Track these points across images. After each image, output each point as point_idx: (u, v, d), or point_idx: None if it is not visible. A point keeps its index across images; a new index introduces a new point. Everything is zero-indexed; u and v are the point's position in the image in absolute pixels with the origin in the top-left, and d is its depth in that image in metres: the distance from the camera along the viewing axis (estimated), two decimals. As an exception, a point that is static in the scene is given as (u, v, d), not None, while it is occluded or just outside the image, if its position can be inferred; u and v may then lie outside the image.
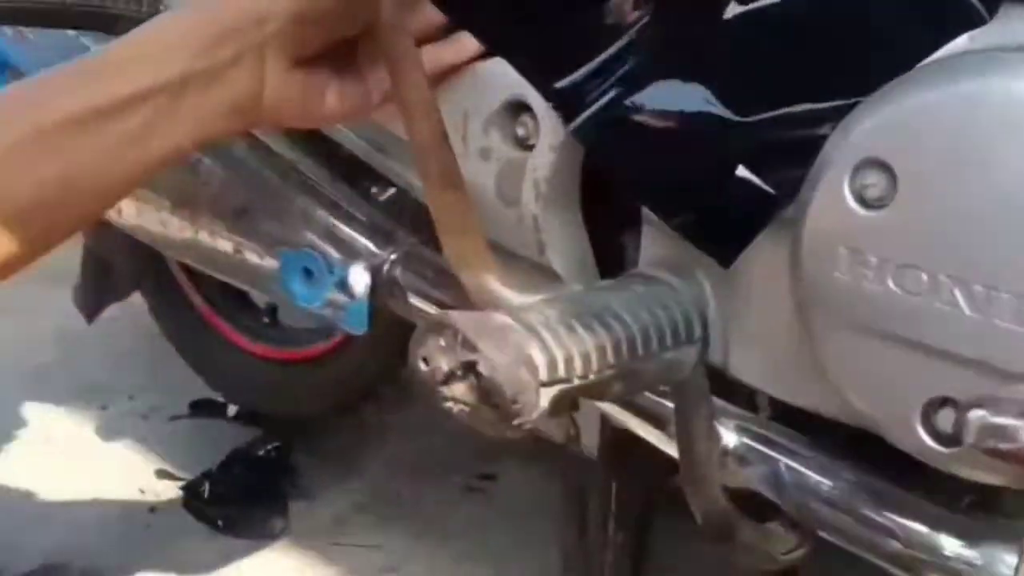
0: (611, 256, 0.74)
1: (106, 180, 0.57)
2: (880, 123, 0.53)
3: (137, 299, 1.42)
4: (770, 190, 0.58)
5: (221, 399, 1.46)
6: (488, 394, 0.51)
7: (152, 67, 0.57)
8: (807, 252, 0.56)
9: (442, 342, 0.51)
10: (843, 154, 0.54)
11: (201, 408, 1.48)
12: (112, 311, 1.40)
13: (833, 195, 0.54)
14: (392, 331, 0.86)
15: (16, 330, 1.63)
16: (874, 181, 0.53)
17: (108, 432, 1.46)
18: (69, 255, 1.33)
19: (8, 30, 1.01)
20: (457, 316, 0.51)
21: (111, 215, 0.98)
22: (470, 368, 0.50)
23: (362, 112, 0.67)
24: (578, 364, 0.53)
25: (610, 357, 0.54)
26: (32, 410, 1.50)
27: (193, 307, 1.40)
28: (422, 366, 0.52)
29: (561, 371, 0.52)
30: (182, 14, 0.61)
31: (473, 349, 0.50)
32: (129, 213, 0.97)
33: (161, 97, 0.56)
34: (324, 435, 1.41)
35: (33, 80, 0.58)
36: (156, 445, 1.43)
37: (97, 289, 1.31)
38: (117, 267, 1.28)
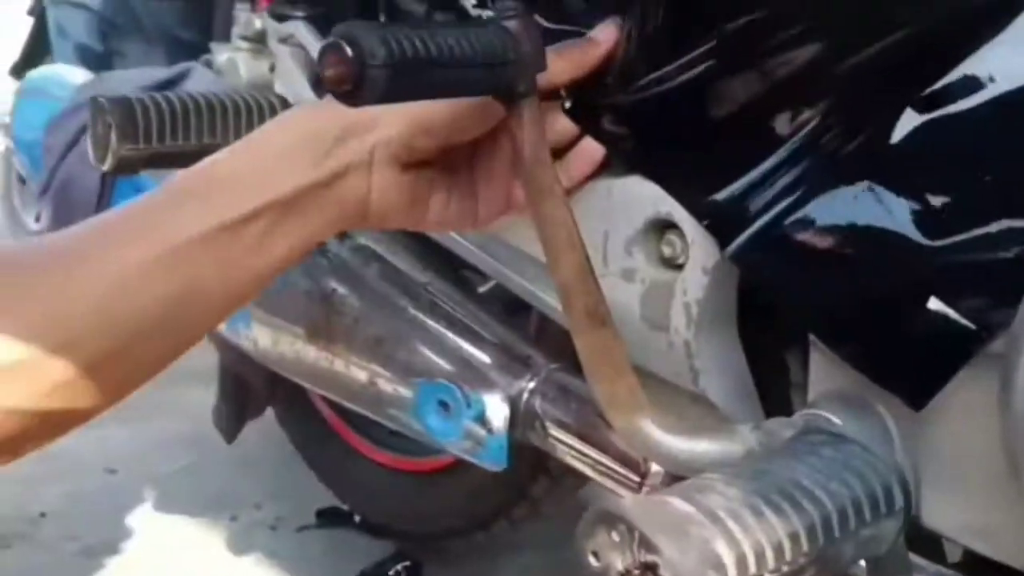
0: (775, 384, 0.67)
1: (226, 291, 0.58)
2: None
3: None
4: (970, 325, 0.50)
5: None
6: None
7: (268, 182, 0.57)
8: (1023, 397, 0.48)
9: (615, 536, 0.45)
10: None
11: (328, 517, 1.45)
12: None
13: (1056, 334, 0.46)
14: (523, 449, 0.82)
15: (145, 435, 1.63)
16: (1109, 318, 0.45)
17: (237, 546, 1.43)
18: (195, 356, 1.32)
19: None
20: (630, 507, 0.45)
21: (248, 346, 0.97)
22: (650, 569, 0.44)
23: (468, 227, 0.66)
24: (770, 557, 0.46)
25: (804, 545, 0.47)
26: (161, 522, 1.49)
27: (321, 415, 1.38)
28: (593, 562, 0.45)
29: (752, 568, 0.44)
30: (298, 117, 0.62)
31: (651, 548, 0.43)
32: (264, 344, 0.96)
33: (276, 210, 0.57)
34: (455, 550, 1.35)
35: (157, 194, 0.58)
36: (285, 560, 1.40)
37: (235, 408, 1.30)
38: (252, 384, 1.27)
